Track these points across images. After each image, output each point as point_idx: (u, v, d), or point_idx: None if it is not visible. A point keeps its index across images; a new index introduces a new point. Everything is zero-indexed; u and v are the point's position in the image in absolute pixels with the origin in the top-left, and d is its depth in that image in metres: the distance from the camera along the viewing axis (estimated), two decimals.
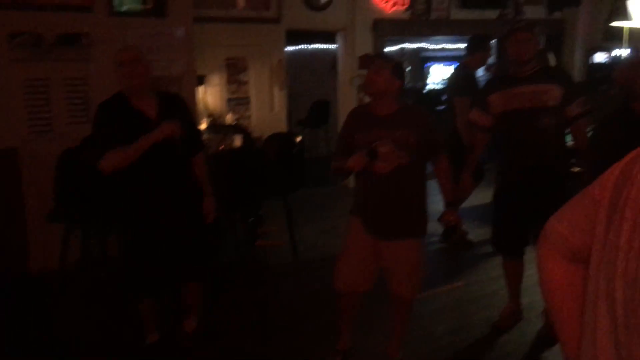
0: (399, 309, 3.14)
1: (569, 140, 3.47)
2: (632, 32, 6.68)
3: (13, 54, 4.32)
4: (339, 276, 3.06)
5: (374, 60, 2.86)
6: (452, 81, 5.24)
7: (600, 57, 8.31)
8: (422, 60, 11.77)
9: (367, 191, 2.89)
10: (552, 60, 5.16)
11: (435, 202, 3.10)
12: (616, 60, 7.86)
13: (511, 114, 3.29)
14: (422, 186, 2.97)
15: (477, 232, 5.28)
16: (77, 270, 4.27)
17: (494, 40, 5.32)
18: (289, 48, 7.70)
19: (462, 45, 11.04)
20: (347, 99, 6.90)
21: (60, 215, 4.04)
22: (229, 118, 6.04)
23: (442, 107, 10.77)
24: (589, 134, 3.26)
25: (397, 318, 3.17)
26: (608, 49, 8.15)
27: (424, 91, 11.31)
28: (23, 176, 4.45)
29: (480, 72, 5.97)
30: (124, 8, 4.74)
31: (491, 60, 6.81)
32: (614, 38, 7.82)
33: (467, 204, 5.12)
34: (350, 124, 2.97)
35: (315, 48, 9.67)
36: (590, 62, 8.44)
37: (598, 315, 0.94)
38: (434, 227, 3.41)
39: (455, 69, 5.20)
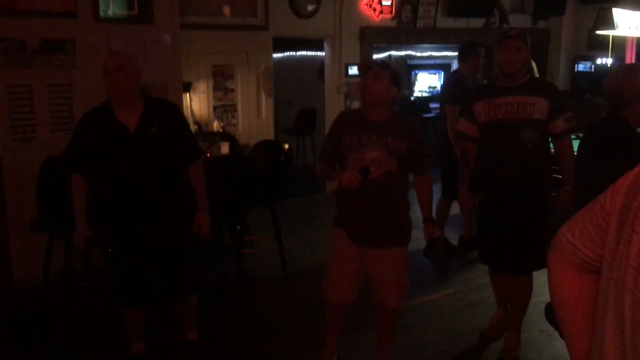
0: (385, 319, 3.11)
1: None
2: (617, 40, 6.75)
3: None
4: (330, 288, 3.03)
5: (372, 68, 2.81)
6: (443, 89, 5.24)
7: (584, 66, 8.39)
8: (408, 68, 11.82)
9: (355, 197, 2.85)
10: (535, 69, 5.18)
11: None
12: (601, 69, 7.94)
13: (494, 124, 3.18)
14: (406, 195, 2.97)
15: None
16: (60, 280, 4.20)
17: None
18: (276, 55, 7.68)
19: (449, 53, 11.14)
20: (334, 107, 6.88)
21: (43, 224, 3.97)
22: (216, 125, 5.99)
23: (429, 115, 10.83)
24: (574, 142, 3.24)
25: (384, 329, 3.13)
26: (593, 58, 8.23)
27: (411, 99, 11.34)
28: (5, 184, 4.37)
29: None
30: (110, 14, 4.70)
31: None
32: (598, 47, 7.90)
33: (454, 210, 5.12)
34: (340, 126, 2.93)
35: (302, 55, 9.67)
36: (575, 70, 8.52)
37: (606, 332, 0.91)
38: (421, 235, 3.37)
39: (448, 77, 5.22)
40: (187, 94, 5.79)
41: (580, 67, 8.45)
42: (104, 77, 2.86)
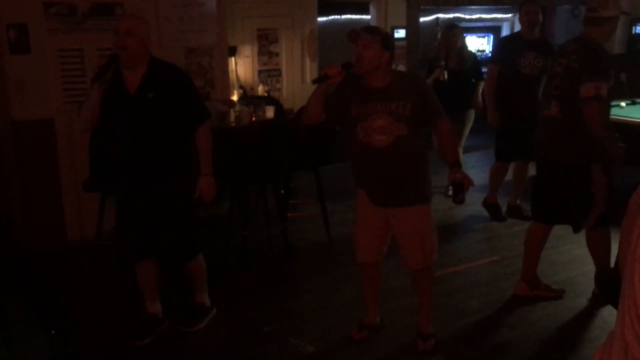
0: (419, 281, 3.12)
1: None
2: None
3: (48, 24, 4.35)
4: (358, 249, 3.08)
5: (360, 35, 2.75)
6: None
7: None
8: None
9: (367, 165, 2.87)
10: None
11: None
12: None
13: None
14: (422, 154, 2.93)
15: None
16: (112, 239, 4.34)
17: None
18: (321, 19, 7.59)
19: (499, 15, 10.76)
20: None
21: (95, 184, 4.09)
22: (260, 90, 6.00)
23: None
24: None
25: (420, 292, 3.14)
26: None
27: None
28: (59, 146, 4.51)
29: None
30: None
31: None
32: None
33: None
34: (343, 92, 2.91)
35: (347, 19, 9.51)
36: (632, 32, 8.14)
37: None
38: (467, 203, 3.33)
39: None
40: (233, 58, 5.81)
41: (639, 29, 8.06)
42: (113, 37, 2.87)
